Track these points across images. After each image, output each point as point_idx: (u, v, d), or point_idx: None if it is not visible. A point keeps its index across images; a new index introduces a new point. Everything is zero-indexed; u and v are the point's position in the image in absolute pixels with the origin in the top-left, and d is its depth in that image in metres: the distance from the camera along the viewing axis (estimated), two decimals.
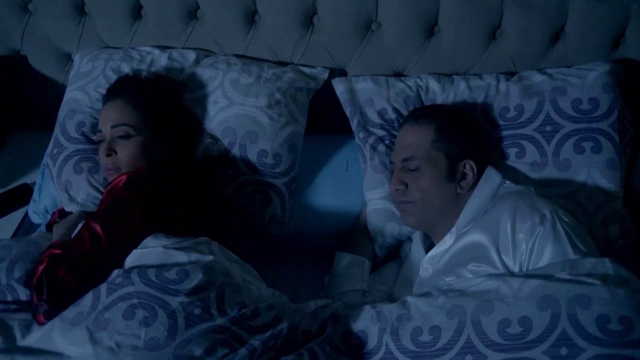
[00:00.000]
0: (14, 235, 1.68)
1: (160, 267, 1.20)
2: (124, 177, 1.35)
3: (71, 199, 1.56)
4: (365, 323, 1.28)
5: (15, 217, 1.76)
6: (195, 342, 1.10)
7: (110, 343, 1.10)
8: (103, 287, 1.18)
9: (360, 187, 1.60)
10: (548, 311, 1.10)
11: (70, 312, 1.17)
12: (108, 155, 1.42)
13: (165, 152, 1.47)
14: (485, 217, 1.34)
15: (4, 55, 1.86)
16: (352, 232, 1.60)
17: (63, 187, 1.57)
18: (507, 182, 1.41)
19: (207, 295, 1.17)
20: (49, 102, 1.82)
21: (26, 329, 1.19)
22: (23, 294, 1.27)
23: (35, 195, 1.71)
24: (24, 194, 1.77)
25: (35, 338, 1.16)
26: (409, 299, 1.29)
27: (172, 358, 1.09)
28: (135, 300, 1.14)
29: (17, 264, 1.31)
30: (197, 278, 1.18)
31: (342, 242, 1.58)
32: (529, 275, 1.19)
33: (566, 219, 1.27)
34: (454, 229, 1.39)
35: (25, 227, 1.71)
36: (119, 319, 1.12)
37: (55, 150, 1.60)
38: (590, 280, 1.12)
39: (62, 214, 1.57)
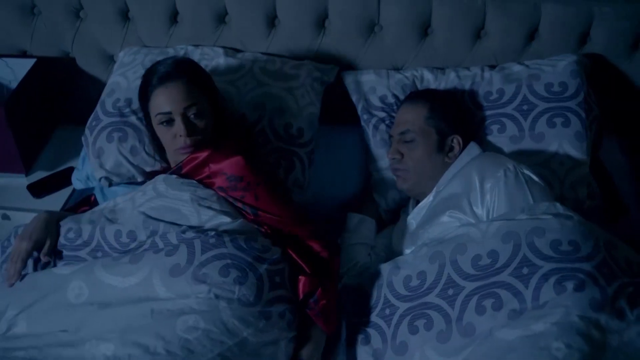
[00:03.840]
0: (63, 207, 1.88)
1: (244, 234, 1.37)
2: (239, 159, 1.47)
3: (101, 165, 1.73)
4: (367, 283, 1.49)
5: (62, 195, 1.95)
6: (275, 306, 1.30)
7: (210, 295, 1.26)
8: (197, 243, 1.31)
9: (366, 161, 1.84)
10: (510, 243, 1.30)
11: (165, 262, 1.30)
12: (190, 135, 1.49)
13: (216, 128, 1.58)
14: (459, 175, 1.55)
15: (56, 57, 2.08)
16: (360, 198, 1.81)
17: (96, 153, 1.74)
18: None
19: (282, 268, 1.37)
20: (92, 100, 1.95)
21: (121, 275, 1.32)
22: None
23: (79, 165, 1.89)
24: (70, 175, 1.94)
25: (134, 282, 1.30)
26: (398, 258, 1.50)
27: (258, 314, 1.27)
28: (229, 261, 1.29)
29: None
30: (277, 252, 1.38)
31: (351, 209, 1.77)
32: (493, 220, 1.39)
33: (527, 172, 1.48)
34: (434, 189, 1.61)
35: (73, 201, 1.90)
36: (215, 275, 1.27)
37: (94, 123, 1.79)
38: (544, 216, 1.33)
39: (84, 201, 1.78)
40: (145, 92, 1.55)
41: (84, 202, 1.78)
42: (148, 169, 1.71)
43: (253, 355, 1.28)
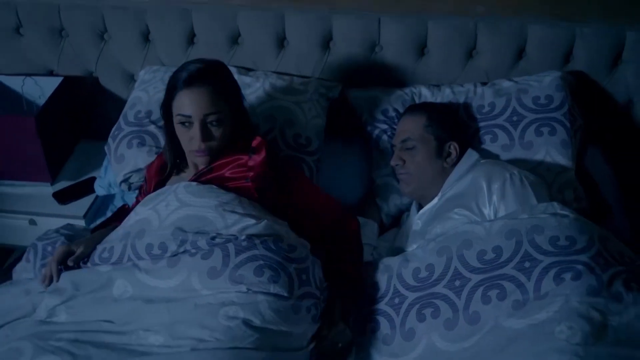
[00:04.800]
0: (87, 212, 1.98)
1: (270, 235, 1.42)
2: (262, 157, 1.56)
3: (122, 169, 1.84)
4: (376, 276, 1.54)
5: (85, 202, 2.04)
6: (305, 301, 1.37)
7: (248, 292, 1.32)
8: (230, 247, 1.36)
9: (369, 169, 1.94)
10: (513, 240, 1.37)
11: (202, 265, 1.34)
12: (205, 140, 1.51)
13: (236, 135, 1.61)
14: (464, 178, 1.64)
15: (80, 76, 2.18)
16: (363, 203, 1.90)
17: (118, 159, 1.86)
18: (483, 160, 1.72)
19: (307, 266, 1.42)
20: (113, 117, 2.05)
21: (160, 278, 1.37)
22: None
23: (101, 174, 1.99)
24: (92, 184, 2.04)
25: (173, 284, 1.35)
26: (407, 252, 1.56)
27: (291, 307, 1.34)
28: (261, 262, 1.34)
29: None
30: (302, 252, 1.44)
31: (355, 213, 1.82)
32: (496, 219, 1.47)
33: (530, 178, 1.57)
34: (440, 193, 1.70)
35: (96, 207, 2.01)
36: (250, 275, 1.33)
37: (116, 132, 1.90)
38: (542, 215, 1.41)
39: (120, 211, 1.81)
40: (171, 90, 1.54)
41: (121, 211, 1.80)
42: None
43: (284, 342, 1.34)
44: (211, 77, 1.54)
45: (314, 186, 1.70)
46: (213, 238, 1.39)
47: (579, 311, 1.23)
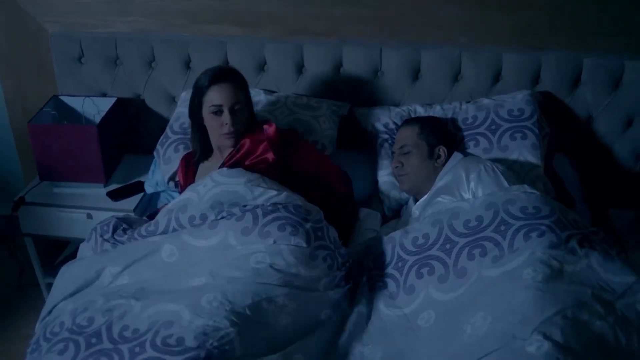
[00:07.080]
0: (136, 207, 2.26)
1: (290, 202, 1.69)
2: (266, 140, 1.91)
3: (169, 169, 2.14)
4: (382, 247, 1.80)
5: (134, 200, 2.32)
6: (320, 251, 1.64)
7: (274, 244, 1.59)
8: (259, 211, 1.64)
9: (374, 171, 2.24)
10: (492, 210, 1.64)
11: (236, 225, 1.62)
12: (233, 124, 1.85)
13: (250, 122, 1.95)
14: (450, 173, 1.91)
15: (129, 98, 2.47)
16: (369, 199, 2.18)
17: (166, 161, 2.15)
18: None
19: (322, 226, 1.70)
20: (154, 134, 2.34)
21: (203, 238, 1.64)
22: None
23: (150, 175, 2.28)
24: (139, 186, 2.34)
25: (214, 242, 1.62)
26: (407, 227, 1.82)
27: (308, 255, 1.60)
28: (284, 221, 1.62)
29: None
30: (318, 215, 1.73)
31: (362, 206, 2.13)
32: (478, 197, 1.74)
33: (501, 167, 1.84)
34: (433, 187, 2.01)
35: (144, 203, 2.29)
36: (275, 231, 1.60)
37: (164, 140, 2.20)
38: (515, 192, 1.69)
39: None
40: (201, 87, 1.86)
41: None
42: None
43: (302, 282, 1.58)
44: (232, 75, 1.91)
45: (320, 154, 2.05)
46: (244, 206, 1.68)
47: (541, 259, 1.49)
